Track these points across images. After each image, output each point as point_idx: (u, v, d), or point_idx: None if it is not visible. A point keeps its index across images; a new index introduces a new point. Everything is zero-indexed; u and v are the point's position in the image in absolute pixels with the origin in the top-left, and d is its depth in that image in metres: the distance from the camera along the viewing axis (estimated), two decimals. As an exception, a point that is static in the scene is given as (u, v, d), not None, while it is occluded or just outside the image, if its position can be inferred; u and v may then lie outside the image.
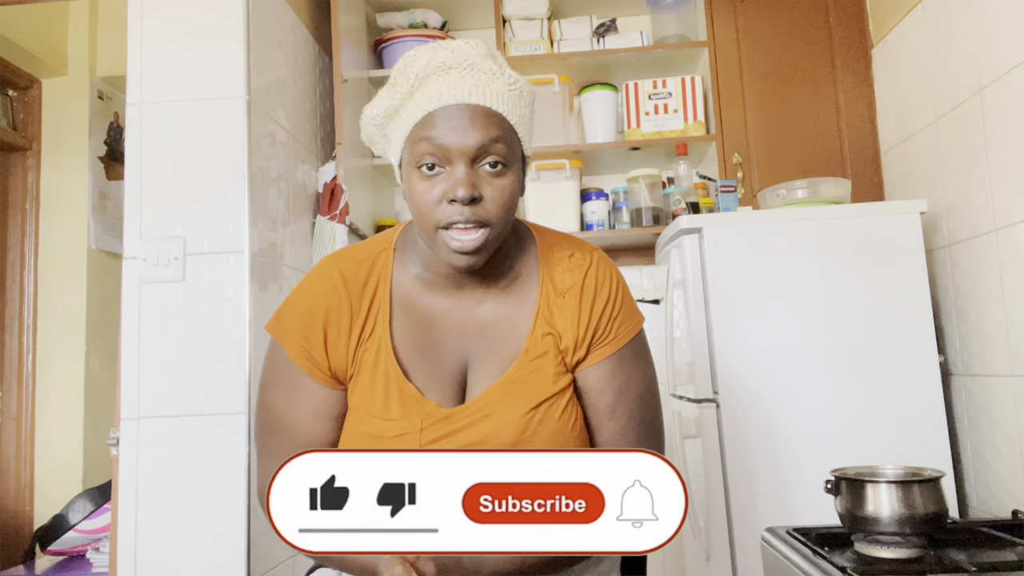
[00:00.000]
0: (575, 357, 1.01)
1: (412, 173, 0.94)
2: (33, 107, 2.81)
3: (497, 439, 0.96)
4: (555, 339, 1.01)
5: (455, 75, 0.92)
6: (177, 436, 1.69)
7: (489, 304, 1.03)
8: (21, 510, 2.63)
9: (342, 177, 2.20)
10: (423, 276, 1.02)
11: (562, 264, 1.04)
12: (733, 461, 1.79)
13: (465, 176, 0.90)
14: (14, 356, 2.70)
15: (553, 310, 1.02)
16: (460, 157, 0.91)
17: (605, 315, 1.02)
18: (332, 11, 2.24)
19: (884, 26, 2.24)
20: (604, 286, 1.03)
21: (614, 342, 1.03)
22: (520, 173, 0.97)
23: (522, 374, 0.99)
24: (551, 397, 0.99)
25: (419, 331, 1.01)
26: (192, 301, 1.73)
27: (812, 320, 1.83)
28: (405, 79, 0.93)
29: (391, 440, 0.96)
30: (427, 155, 0.91)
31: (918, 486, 1.26)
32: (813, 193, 1.99)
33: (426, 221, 0.93)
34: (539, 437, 0.97)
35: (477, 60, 0.93)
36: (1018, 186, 1.64)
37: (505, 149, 0.92)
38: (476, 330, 1.02)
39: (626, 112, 2.49)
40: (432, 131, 0.91)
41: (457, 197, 0.89)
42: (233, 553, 1.65)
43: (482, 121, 0.91)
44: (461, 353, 1.01)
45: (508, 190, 0.93)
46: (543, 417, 0.97)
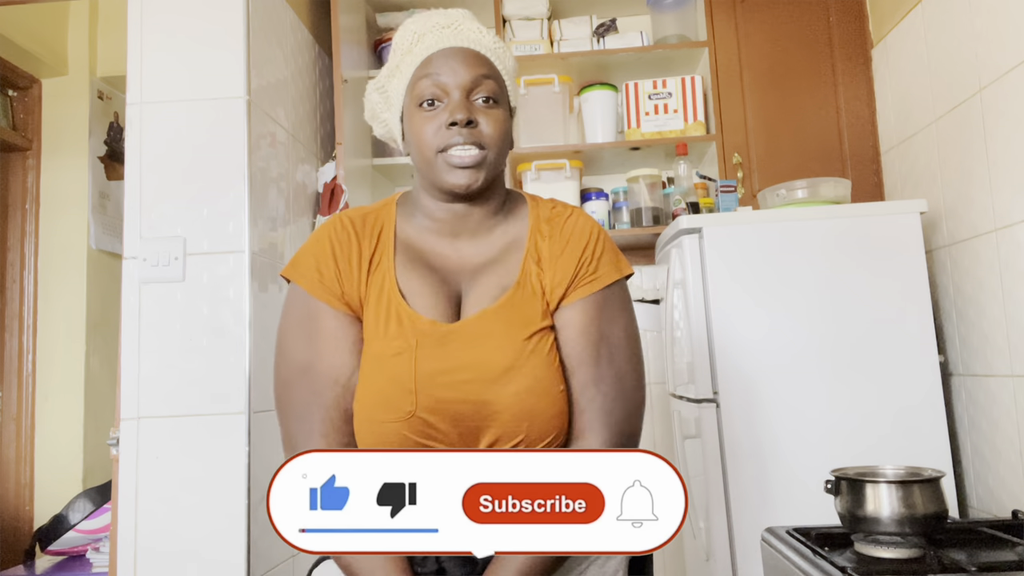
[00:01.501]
0: (556, 293, 1.05)
1: (414, 112, 1.04)
2: (33, 107, 2.81)
3: (490, 362, 0.98)
4: (540, 276, 1.05)
5: (449, 31, 1.05)
6: (177, 436, 1.69)
7: (483, 249, 1.09)
8: (21, 510, 2.63)
9: (342, 177, 2.20)
10: (423, 224, 1.10)
11: (547, 210, 1.12)
12: (733, 461, 1.79)
13: (461, 102, 1.02)
14: (14, 356, 2.70)
15: (540, 250, 1.07)
16: (457, 88, 1.02)
17: (586, 252, 1.06)
18: (332, 11, 2.24)
19: (884, 26, 2.24)
20: (584, 229, 1.08)
21: (595, 282, 1.05)
22: (509, 116, 1.08)
23: (516, 303, 1.03)
24: (541, 330, 1.02)
25: (420, 266, 1.07)
26: (192, 301, 1.73)
27: (812, 320, 1.83)
28: (404, 39, 1.06)
29: (389, 359, 1.00)
30: (427, 90, 1.03)
31: (918, 486, 1.26)
32: (813, 193, 1.99)
33: (427, 149, 1.03)
34: (529, 366, 0.99)
35: (467, 22, 1.07)
36: (1018, 186, 1.64)
37: (495, 86, 1.05)
38: (471, 268, 1.08)
39: (626, 112, 2.49)
40: (430, 69, 1.03)
41: (456, 119, 1.00)
42: (233, 553, 1.65)
43: (474, 59, 1.04)
44: (456, 286, 1.07)
45: (500, 120, 1.04)
46: (534, 348, 1.00)
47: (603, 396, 1.02)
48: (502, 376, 0.98)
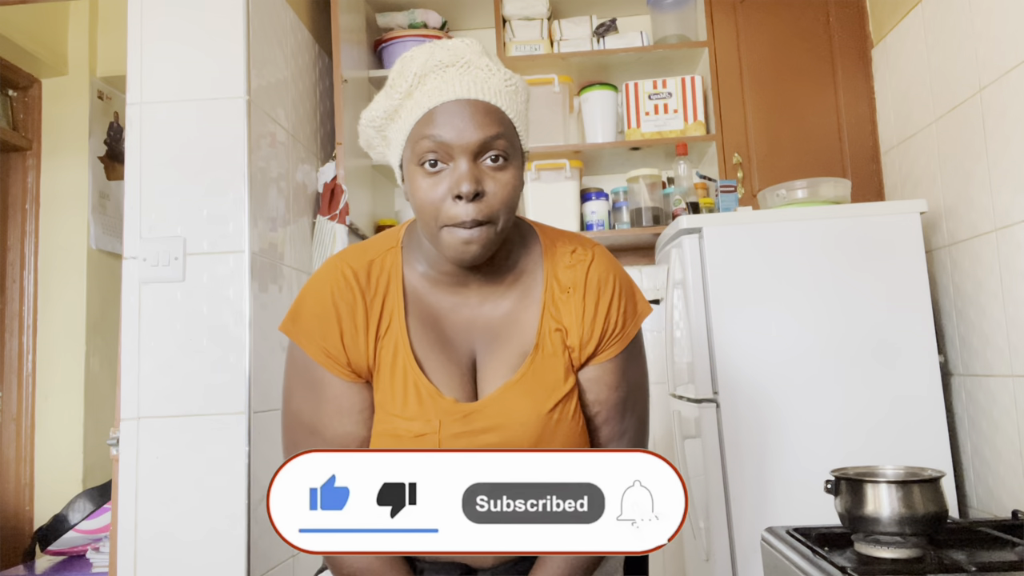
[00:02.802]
0: (583, 354, 1.01)
1: (415, 171, 0.93)
2: (33, 107, 2.81)
3: (518, 440, 0.96)
4: (562, 335, 1.01)
5: (453, 72, 0.93)
6: (177, 436, 1.69)
7: (495, 300, 1.03)
8: (21, 510, 2.63)
9: (342, 177, 2.20)
10: (429, 274, 1.02)
11: (564, 260, 1.04)
12: (733, 461, 1.79)
13: (468, 171, 0.90)
14: (14, 356, 2.70)
15: (559, 306, 1.01)
16: (463, 153, 0.91)
17: (613, 311, 1.02)
18: (332, 11, 2.24)
19: (884, 26, 2.24)
20: (608, 282, 1.02)
21: (623, 339, 1.03)
22: (521, 167, 0.97)
23: (537, 371, 0.99)
24: (565, 396, 0.99)
25: (430, 328, 1.01)
26: (192, 301, 1.73)
27: (812, 320, 1.83)
28: (403, 79, 0.94)
29: (411, 440, 0.96)
30: (429, 152, 0.91)
31: (918, 486, 1.26)
32: (813, 193, 1.99)
33: (430, 219, 0.92)
34: (557, 437, 0.97)
35: (473, 58, 0.94)
36: (1018, 186, 1.64)
37: (506, 143, 0.93)
38: (484, 326, 1.02)
39: (626, 112, 2.49)
40: (433, 128, 0.91)
41: (462, 192, 0.89)
42: (233, 553, 1.65)
43: (482, 116, 0.91)
44: (470, 348, 1.02)
45: (511, 184, 0.93)
46: (560, 417, 0.98)
47: (625, 446, 1.06)
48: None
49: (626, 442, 1.06)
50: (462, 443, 0.95)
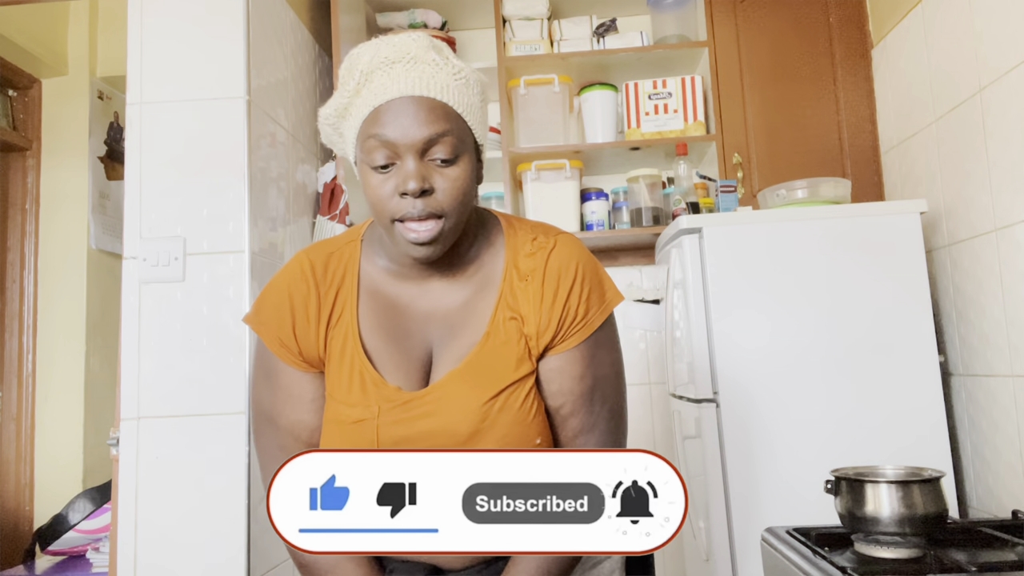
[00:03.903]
0: (541, 343, 0.99)
1: (365, 169, 0.95)
2: (33, 107, 2.81)
3: (455, 428, 0.95)
4: (519, 323, 0.99)
5: (399, 69, 0.92)
6: (177, 436, 1.69)
7: (454, 292, 1.02)
8: (21, 510, 2.63)
9: (342, 177, 2.20)
10: (389, 267, 1.04)
11: (526, 248, 1.02)
12: (733, 461, 1.79)
13: (415, 169, 0.91)
14: (14, 356, 2.71)
15: (517, 294, 1.00)
16: (408, 151, 0.91)
17: (573, 298, 0.99)
18: (332, 11, 2.24)
19: (884, 26, 2.24)
20: (568, 268, 1.00)
21: (585, 328, 1.00)
22: (473, 162, 0.97)
23: (483, 358, 0.98)
24: (512, 384, 0.97)
25: (385, 318, 1.02)
26: (192, 301, 1.73)
27: (812, 320, 1.83)
28: (351, 77, 0.94)
29: (350, 426, 0.97)
30: (377, 150, 0.92)
31: (918, 486, 1.26)
32: (813, 193, 1.99)
33: (382, 215, 0.95)
34: (498, 426, 0.96)
35: (419, 52, 0.93)
36: (1018, 186, 1.64)
37: (453, 140, 0.92)
38: (442, 317, 1.02)
39: (626, 112, 2.49)
40: (379, 128, 0.91)
41: (408, 190, 0.90)
42: (233, 553, 1.66)
43: (427, 113, 0.91)
44: (426, 339, 1.02)
45: (460, 180, 0.93)
46: (503, 406, 0.96)
47: (597, 439, 1.02)
48: (467, 442, 0.95)
49: (597, 435, 1.02)
50: (400, 430, 0.96)
